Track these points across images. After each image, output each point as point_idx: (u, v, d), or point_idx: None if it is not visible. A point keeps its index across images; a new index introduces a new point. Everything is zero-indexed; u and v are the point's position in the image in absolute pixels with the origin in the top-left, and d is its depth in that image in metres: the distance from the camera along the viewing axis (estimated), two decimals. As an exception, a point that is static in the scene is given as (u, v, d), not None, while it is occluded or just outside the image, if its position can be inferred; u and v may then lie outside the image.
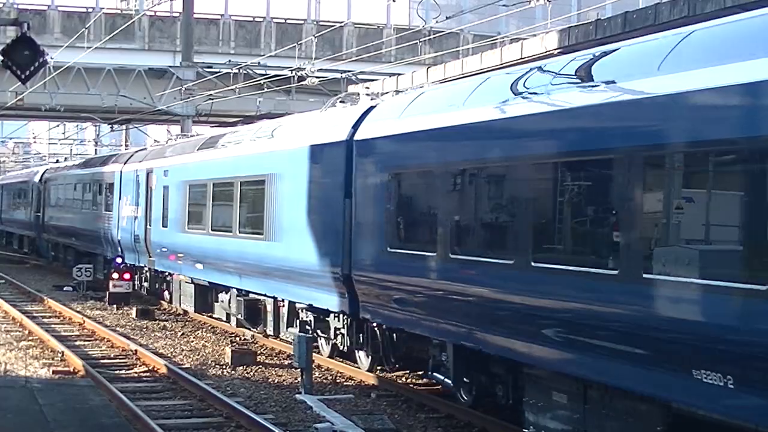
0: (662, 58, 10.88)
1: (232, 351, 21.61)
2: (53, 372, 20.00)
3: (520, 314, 12.80)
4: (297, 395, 17.74)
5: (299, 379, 18.37)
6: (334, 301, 18.74)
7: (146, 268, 32.22)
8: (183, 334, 26.18)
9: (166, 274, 30.21)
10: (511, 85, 13.71)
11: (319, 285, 19.16)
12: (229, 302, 24.88)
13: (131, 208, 33.00)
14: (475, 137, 13.85)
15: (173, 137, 36.59)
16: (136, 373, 20.67)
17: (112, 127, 57.48)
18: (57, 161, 71.06)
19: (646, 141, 10.58)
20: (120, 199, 34.57)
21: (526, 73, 13.62)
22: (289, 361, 20.65)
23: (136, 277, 33.43)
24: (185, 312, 29.58)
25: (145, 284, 32.73)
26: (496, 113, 13.47)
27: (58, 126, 75.37)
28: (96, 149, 76.75)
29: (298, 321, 21.14)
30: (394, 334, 17.81)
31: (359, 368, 19.45)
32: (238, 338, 24.98)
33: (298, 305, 20.96)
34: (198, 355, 22.68)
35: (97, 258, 38.22)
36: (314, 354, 18.89)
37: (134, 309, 29.93)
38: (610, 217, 11.10)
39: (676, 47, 10.84)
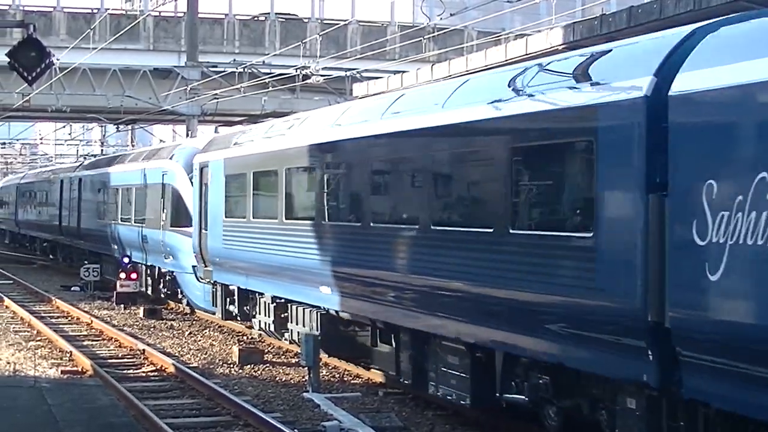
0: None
1: (239, 350, 21.63)
2: (62, 372, 20.05)
3: None
4: (305, 394, 17.77)
5: (307, 377, 18.40)
6: None
7: None
8: (190, 333, 26.21)
9: None
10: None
11: None
12: None
13: None
14: None
15: None
16: (143, 372, 20.72)
17: (117, 128, 57.50)
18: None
19: None
20: None
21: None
22: (297, 360, 20.68)
23: None
24: (191, 310, 29.62)
25: None
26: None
27: (64, 127, 75.39)
28: (102, 149, 76.81)
29: None
30: None
31: None
32: (245, 337, 25.00)
33: None
34: (205, 354, 22.71)
35: None
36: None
37: (141, 308, 29.97)
38: None
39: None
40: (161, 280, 31.42)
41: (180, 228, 28.36)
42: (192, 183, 26.92)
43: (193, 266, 26.51)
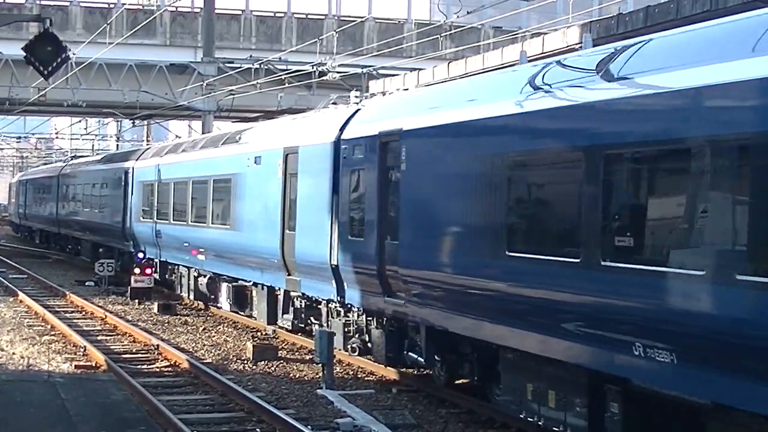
0: None
1: (253, 346, 21.64)
2: (75, 366, 20.07)
3: None
4: (318, 390, 17.76)
5: (320, 374, 18.40)
6: None
7: None
8: (204, 329, 26.22)
9: None
10: None
11: None
12: None
13: None
14: None
15: None
16: (157, 367, 20.73)
17: (133, 123, 57.61)
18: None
19: None
20: None
21: None
22: (311, 357, 20.69)
23: None
24: (206, 307, 29.66)
25: None
26: None
27: (80, 122, 75.54)
28: (117, 144, 76.95)
29: None
30: None
31: None
32: (259, 333, 25.01)
33: None
34: (219, 350, 22.72)
35: None
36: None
37: (156, 304, 30.00)
38: None
39: None
40: None
41: None
42: None
43: None
